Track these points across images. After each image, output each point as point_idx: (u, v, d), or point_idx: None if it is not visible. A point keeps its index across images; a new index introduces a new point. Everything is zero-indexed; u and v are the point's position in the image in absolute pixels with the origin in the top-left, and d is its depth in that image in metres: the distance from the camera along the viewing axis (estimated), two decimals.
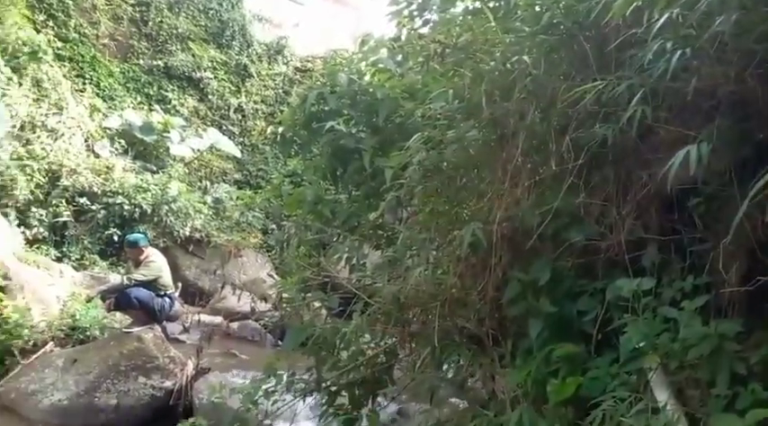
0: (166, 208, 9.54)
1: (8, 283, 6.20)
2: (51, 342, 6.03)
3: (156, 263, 6.45)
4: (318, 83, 4.46)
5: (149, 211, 9.42)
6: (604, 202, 2.42)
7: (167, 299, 6.47)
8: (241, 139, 12.95)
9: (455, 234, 2.66)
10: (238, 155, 12.27)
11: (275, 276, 8.03)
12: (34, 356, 5.78)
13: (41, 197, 8.98)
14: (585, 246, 2.40)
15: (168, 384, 5.63)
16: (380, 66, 4.14)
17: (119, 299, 6.22)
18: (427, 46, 3.39)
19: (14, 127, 8.93)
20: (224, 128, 12.74)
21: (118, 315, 6.56)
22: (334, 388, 3.16)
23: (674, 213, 2.34)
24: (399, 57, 4.12)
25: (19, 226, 8.52)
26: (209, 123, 12.60)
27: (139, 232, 7.69)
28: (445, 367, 2.86)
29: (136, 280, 6.24)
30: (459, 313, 2.69)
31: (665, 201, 2.33)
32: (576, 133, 2.38)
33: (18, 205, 8.66)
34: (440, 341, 2.58)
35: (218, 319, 8.34)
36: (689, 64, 2.10)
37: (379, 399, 3.19)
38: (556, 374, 2.09)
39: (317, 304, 3.63)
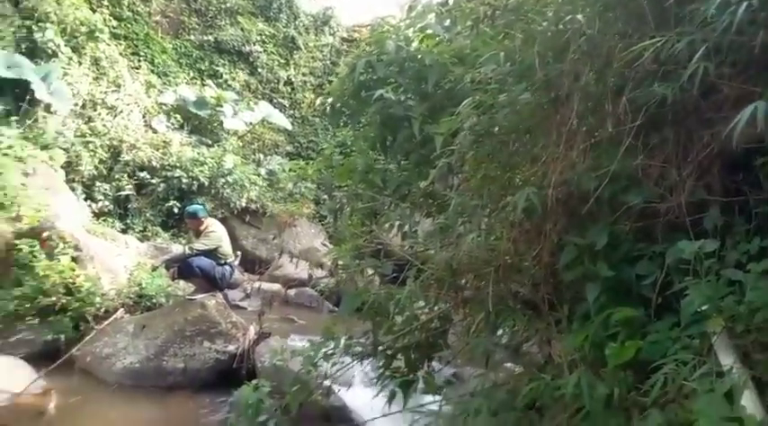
0: (223, 180, 9.83)
1: (79, 254, 6.57)
2: (121, 309, 6.39)
3: (216, 233, 6.68)
4: (366, 51, 4.46)
5: (206, 184, 9.73)
6: (664, 164, 2.35)
7: (228, 268, 6.70)
8: (291, 112, 13.11)
9: (508, 199, 2.64)
10: (289, 127, 12.44)
11: (329, 244, 8.18)
12: (106, 322, 6.14)
13: (105, 172, 9.41)
14: (644, 209, 2.35)
15: (231, 348, 5.89)
16: (428, 31, 4.08)
17: (182, 268, 6.50)
18: (476, 9, 3.32)
19: (77, 105, 9.32)
20: (274, 101, 12.92)
21: (181, 283, 6.89)
22: (390, 352, 3.23)
23: (738, 173, 2.25)
24: (448, 22, 4.05)
25: (86, 200, 8.97)
26: (259, 97, 12.80)
27: (198, 203, 7.95)
28: (500, 332, 2.88)
29: (197, 250, 6.49)
30: (513, 278, 2.69)
31: (729, 161, 2.24)
32: (633, 93, 2.30)
33: (84, 180, 9.11)
34: (494, 306, 2.59)
35: (277, 286, 8.62)
36: (756, 16, 1.99)
37: (434, 363, 3.25)
38: (614, 338, 2.08)
39: (370, 271, 3.69)
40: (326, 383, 3.51)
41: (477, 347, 2.80)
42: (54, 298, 6.01)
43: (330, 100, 4.60)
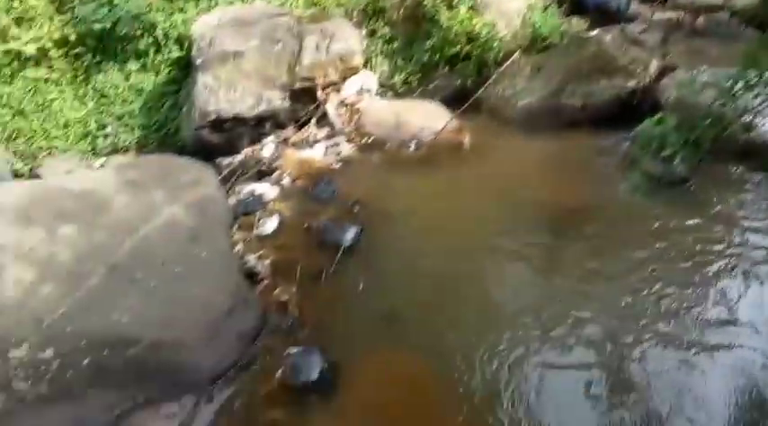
0: None
1: (474, 2, 6.82)
2: (518, 52, 6.59)
3: None
4: None
5: None
6: None
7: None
8: None
9: None
10: None
11: None
12: (505, 65, 6.46)
13: None
14: None
15: (631, 83, 5.65)
16: None
17: (575, 3, 6.22)
18: None
19: None
20: None
21: (575, 19, 6.62)
22: None
23: None
24: None
25: None
26: None
27: None
28: None
29: None
30: None
31: None
32: None
33: None
34: None
35: (681, 14, 7.50)
36: None
37: None
38: None
39: None
40: (746, 118, 3.06)
41: None
42: (458, 47, 6.56)
43: None
